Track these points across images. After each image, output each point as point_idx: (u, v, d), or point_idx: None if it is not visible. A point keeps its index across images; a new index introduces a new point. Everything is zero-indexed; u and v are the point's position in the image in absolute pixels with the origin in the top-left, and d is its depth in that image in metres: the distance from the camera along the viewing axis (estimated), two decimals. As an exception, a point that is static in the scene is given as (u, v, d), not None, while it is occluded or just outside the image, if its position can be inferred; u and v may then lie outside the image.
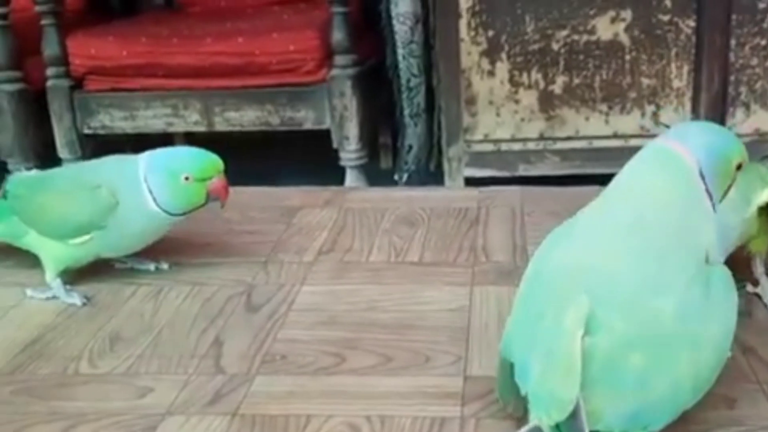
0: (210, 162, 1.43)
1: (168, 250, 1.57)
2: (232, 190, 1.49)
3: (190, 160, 1.43)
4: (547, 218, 1.64)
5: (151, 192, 1.41)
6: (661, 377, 0.93)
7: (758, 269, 1.36)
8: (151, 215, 1.43)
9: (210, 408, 1.13)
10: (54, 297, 1.45)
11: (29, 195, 1.47)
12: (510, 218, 1.70)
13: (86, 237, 1.42)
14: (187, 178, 1.40)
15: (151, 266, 1.54)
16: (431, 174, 2.44)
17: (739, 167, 1.03)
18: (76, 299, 1.43)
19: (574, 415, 0.90)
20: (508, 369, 1.01)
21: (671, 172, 0.99)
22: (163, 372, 1.21)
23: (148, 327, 1.33)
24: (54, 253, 1.45)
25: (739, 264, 1.34)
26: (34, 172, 1.59)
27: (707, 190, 0.99)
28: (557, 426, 0.91)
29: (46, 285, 1.45)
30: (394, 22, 2.40)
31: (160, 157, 1.44)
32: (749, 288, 1.36)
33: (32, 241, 1.47)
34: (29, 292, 1.46)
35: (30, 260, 1.49)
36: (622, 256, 0.97)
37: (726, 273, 1.00)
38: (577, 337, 0.91)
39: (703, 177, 0.99)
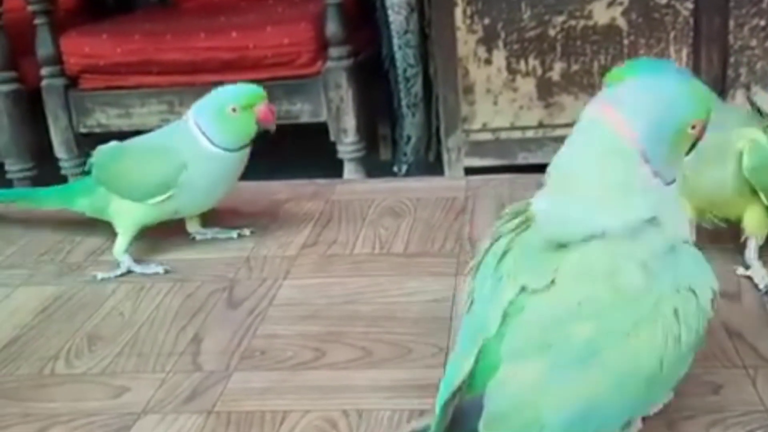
0: (252, 90, 1.49)
1: (153, 248, 1.56)
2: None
3: (233, 92, 1.50)
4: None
5: (204, 133, 1.48)
6: (604, 361, 0.82)
7: (751, 253, 1.33)
8: (211, 156, 1.48)
9: (186, 406, 1.12)
10: (128, 272, 1.49)
11: (111, 163, 1.55)
12: (497, 207, 1.68)
13: (164, 196, 1.48)
14: (234, 110, 1.47)
15: (234, 234, 1.60)
16: (430, 165, 2.41)
17: (694, 128, 0.87)
18: (157, 269, 1.49)
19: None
20: None
21: (610, 158, 0.85)
22: (141, 371, 1.20)
23: (128, 325, 1.32)
24: (135, 214, 1.50)
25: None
26: (114, 143, 1.62)
27: (654, 172, 0.85)
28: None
29: (113, 266, 1.50)
30: (389, 12, 2.38)
31: (204, 99, 1.53)
32: (740, 271, 1.33)
33: (115, 209, 1.53)
34: (100, 275, 1.49)
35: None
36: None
37: (697, 253, 0.90)
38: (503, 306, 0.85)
39: (647, 159, 0.85)
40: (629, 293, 0.83)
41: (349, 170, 2.35)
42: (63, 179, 2.36)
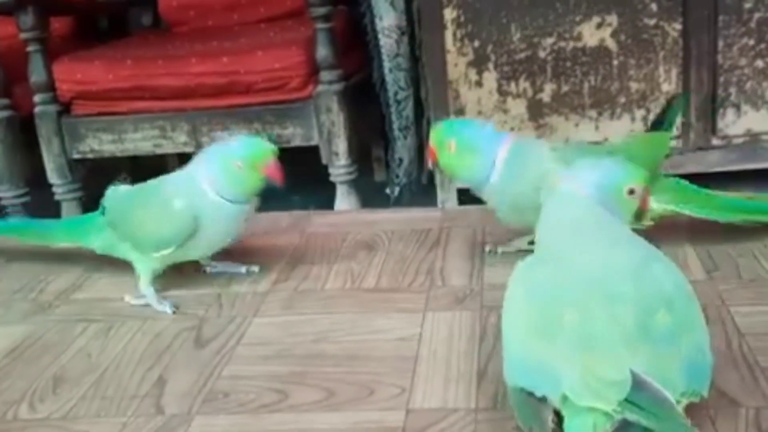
0: (261, 149, 1.48)
1: (126, 285, 1.56)
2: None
3: (241, 148, 1.48)
4: (508, 238, 1.62)
5: (211, 184, 1.48)
6: (685, 332, 0.98)
7: None
8: (217, 206, 1.48)
9: (144, 451, 1.12)
10: (147, 304, 1.51)
11: (121, 210, 1.56)
12: (471, 240, 1.68)
13: (169, 249, 1.49)
14: (239, 166, 1.46)
15: (242, 269, 1.62)
16: (423, 186, 2.41)
17: (631, 192, 1.12)
18: (166, 308, 1.49)
19: (640, 386, 0.91)
20: (519, 394, 0.99)
21: (582, 207, 1.11)
22: (103, 414, 1.20)
23: (94, 367, 1.32)
24: (145, 264, 1.52)
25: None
26: (125, 187, 1.63)
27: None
28: (631, 404, 0.91)
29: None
30: (380, 36, 2.38)
31: (211, 151, 1.52)
32: None
33: (127, 250, 1.54)
34: (127, 297, 1.53)
35: None
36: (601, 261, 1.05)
37: None
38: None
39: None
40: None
41: (342, 193, 2.35)
42: (56, 205, 2.37)
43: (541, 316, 1.01)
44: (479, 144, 1.51)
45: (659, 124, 1.66)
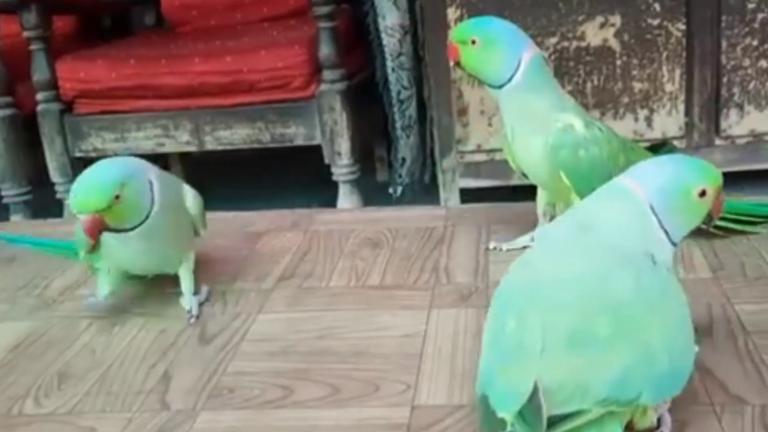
0: (81, 200, 1.31)
1: (129, 282, 1.56)
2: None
3: (73, 190, 1.33)
4: (513, 236, 1.62)
5: None
6: (628, 340, 0.94)
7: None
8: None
9: (150, 446, 1.12)
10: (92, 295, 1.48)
11: None
12: (475, 238, 1.68)
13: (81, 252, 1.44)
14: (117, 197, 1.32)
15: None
16: (426, 186, 2.41)
17: (703, 194, 1.03)
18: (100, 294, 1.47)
19: (532, 399, 0.90)
20: (481, 403, 0.98)
21: (625, 206, 1.03)
22: (108, 410, 1.20)
23: (98, 362, 1.33)
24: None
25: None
26: None
27: (660, 224, 1.02)
28: (521, 417, 0.91)
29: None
30: (383, 35, 2.38)
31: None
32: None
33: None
34: (86, 291, 1.51)
35: None
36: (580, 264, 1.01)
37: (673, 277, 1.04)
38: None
39: (655, 212, 1.02)
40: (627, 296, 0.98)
41: (345, 192, 2.35)
42: (58, 203, 2.37)
43: (496, 324, 1.01)
44: (504, 40, 1.50)
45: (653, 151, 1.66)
